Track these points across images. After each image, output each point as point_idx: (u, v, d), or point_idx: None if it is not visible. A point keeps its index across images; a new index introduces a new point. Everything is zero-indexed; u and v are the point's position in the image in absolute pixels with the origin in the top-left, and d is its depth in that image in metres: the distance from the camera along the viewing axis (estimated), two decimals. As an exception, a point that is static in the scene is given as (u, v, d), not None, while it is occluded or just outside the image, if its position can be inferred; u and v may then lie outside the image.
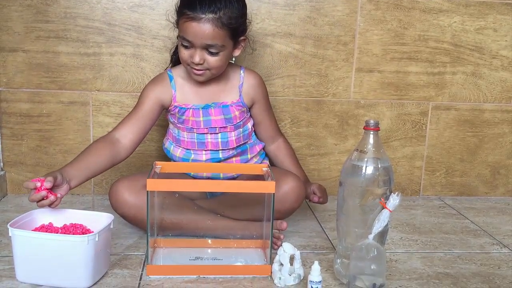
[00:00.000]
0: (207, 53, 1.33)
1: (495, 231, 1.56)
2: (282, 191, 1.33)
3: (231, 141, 1.44)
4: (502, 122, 1.87)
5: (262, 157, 1.55)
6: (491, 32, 1.79)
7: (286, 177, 1.37)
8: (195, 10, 1.28)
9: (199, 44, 1.31)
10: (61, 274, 1.08)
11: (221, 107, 1.42)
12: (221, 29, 1.30)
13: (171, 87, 1.43)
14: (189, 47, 1.33)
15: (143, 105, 1.41)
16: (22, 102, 1.68)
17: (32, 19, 1.62)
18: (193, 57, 1.33)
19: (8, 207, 1.61)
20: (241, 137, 1.46)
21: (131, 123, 1.39)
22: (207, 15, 1.28)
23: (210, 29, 1.29)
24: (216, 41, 1.31)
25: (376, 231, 1.04)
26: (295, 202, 1.38)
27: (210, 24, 1.28)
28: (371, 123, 1.10)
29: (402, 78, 1.80)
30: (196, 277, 1.17)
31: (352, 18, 1.73)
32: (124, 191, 1.31)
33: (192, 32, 1.30)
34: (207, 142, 1.43)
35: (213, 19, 1.28)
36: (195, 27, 1.29)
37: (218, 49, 1.33)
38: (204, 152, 1.44)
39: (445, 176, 1.90)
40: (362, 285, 1.04)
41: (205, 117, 1.42)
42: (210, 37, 1.30)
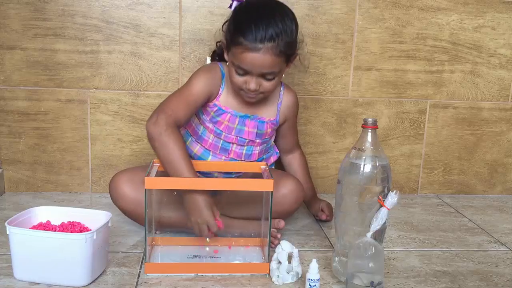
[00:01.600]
0: (264, 79, 1.29)
1: (493, 229, 1.57)
2: (281, 193, 1.34)
3: (254, 154, 1.44)
4: (500, 120, 1.87)
5: (271, 166, 1.54)
6: (489, 30, 1.80)
7: (286, 180, 1.37)
8: (253, 41, 1.23)
9: (256, 73, 1.27)
10: (59, 272, 1.08)
11: (257, 122, 1.40)
12: (279, 57, 1.26)
13: (220, 84, 1.38)
14: (244, 74, 1.29)
15: (196, 93, 1.34)
16: (19, 100, 1.67)
17: (29, 17, 1.62)
18: (248, 83, 1.29)
19: (6, 205, 1.61)
20: (263, 150, 1.47)
21: (185, 108, 1.32)
22: (266, 44, 1.23)
23: (270, 59, 1.24)
24: (274, 68, 1.27)
25: (374, 229, 1.04)
26: (294, 204, 1.38)
27: (269, 54, 1.24)
28: (369, 121, 1.10)
29: (400, 76, 1.80)
30: (194, 275, 1.17)
31: (350, 16, 1.73)
32: (124, 185, 1.31)
33: (250, 62, 1.25)
34: (231, 150, 1.41)
35: (271, 48, 1.23)
36: (254, 58, 1.24)
37: (275, 75, 1.30)
38: (224, 157, 1.42)
39: (443, 174, 1.90)
40: (360, 283, 1.04)
41: (239, 126, 1.39)
42: (269, 66, 1.26)
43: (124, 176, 1.33)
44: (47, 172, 1.73)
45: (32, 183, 1.73)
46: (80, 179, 1.75)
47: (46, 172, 1.73)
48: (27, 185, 1.74)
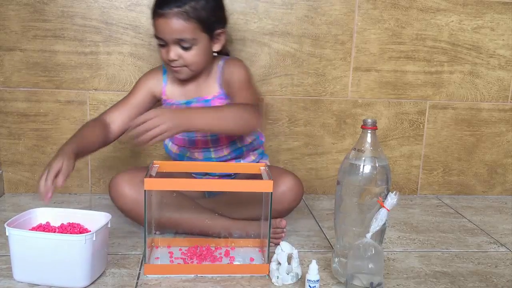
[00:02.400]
0: (181, 48, 1.32)
1: (492, 230, 1.57)
2: (280, 191, 1.34)
3: (221, 138, 1.42)
4: (499, 121, 1.87)
5: (260, 156, 1.54)
6: (488, 31, 1.80)
7: (284, 177, 1.37)
8: (161, 7, 1.29)
9: (170, 40, 1.31)
10: (59, 273, 1.08)
11: (202, 102, 1.41)
12: (188, 22, 1.29)
13: (162, 80, 1.45)
14: (164, 45, 1.33)
15: (135, 94, 1.44)
16: (19, 101, 1.67)
17: (29, 18, 1.62)
18: (168, 53, 1.33)
19: (5, 206, 1.61)
20: None
21: (123, 109, 1.41)
22: (172, 9, 1.28)
23: (177, 23, 1.28)
24: (185, 34, 1.30)
25: (374, 230, 1.04)
26: (294, 201, 1.38)
27: (175, 18, 1.28)
28: (368, 122, 1.10)
29: (400, 77, 1.80)
30: (193, 276, 1.17)
31: (349, 17, 1.73)
32: (124, 185, 1.32)
33: (161, 28, 1.31)
34: (197, 140, 1.42)
35: (178, 13, 1.28)
36: (163, 23, 1.30)
37: (190, 43, 1.31)
38: (197, 150, 1.44)
39: (443, 175, 1.90)
40: (359, 284, 1.04)
41: None
42: (178, 31, 1.29)
43: (124, 176, 1.34)
44: (47, 173, 1.73)
45: (31, 184, 1.73)
46: (80, 181, 1.74)
47: (46, 174, 1.73)
48: (26, 186, 1.74)
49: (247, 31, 1.69)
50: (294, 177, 1.39)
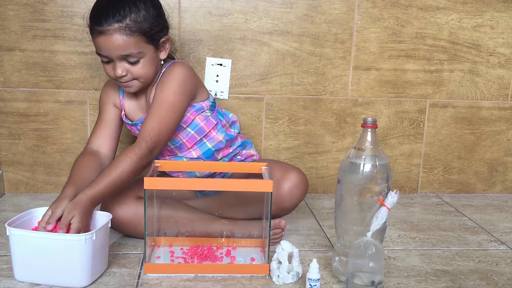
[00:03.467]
0: (127, 63, 1.27)
1: (493, 228, 1.57)
2: (286, 188, 1.35)
3: (183, 144, 1.40)
4: (499, 119, 1.87)
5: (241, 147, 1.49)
6: (488, 29, 1.80)
7: (290, 174, 1.37)
8: (101, 24, 1.22)
9: (114, 56, 1.25)
10: (59, 273, 1.08)
11: None
12: (132, 37, 1.24)
13: (119, 93, 1.42)
14: (109, 62, 1.28)
15: (104, 111, 1.41)
16: (19, 102, 1.67)
17: (28, 18, 1.62)
18: (115, 70, 1.27)
19: (6, 206, 1.61)
20: (193, 135, 1.39)
21: (100, 132, 1.39)
22: (113, 25, 1.22)
23: (120, 39, 1.23)
24: (130, 49, 1.25)
25: (374, 228, 1.04)
26: (301, 196, 1.39)
27: (118, 34, 1.22)
28: (368, 121, 1.10)
29: (400, 76, 1.80)
30: (194, 275, 1.17)
31: (349, 16, 1.73)
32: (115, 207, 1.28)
33: (104, 46, 1.25)
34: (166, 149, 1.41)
35: (119, 29, 1.22)
36: (104, 41, 1.24)
37: (137, 57, 1.27)
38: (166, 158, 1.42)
39: (443, 173, 1.90)
40: (360, 282, 1.04)
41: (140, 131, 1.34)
42: (122, 48, 1.24)
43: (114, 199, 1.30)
44: (47, 173, 1.73)
45: (32, 184, 1.73)
46: (80, 180, 1.74)
47: (46, 173, 1.73)
48: (27, 187, 1.74)
49: (247, 30, 1.69)
50: (299, 172, 1.39)
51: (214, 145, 1.41)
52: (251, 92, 1.73)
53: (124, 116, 1.41)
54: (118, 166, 1.21)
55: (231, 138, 1.46)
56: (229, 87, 1.72)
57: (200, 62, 1.70)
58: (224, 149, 1.44)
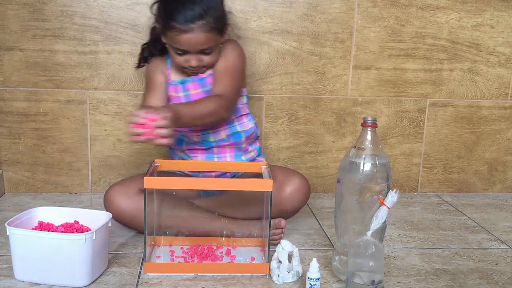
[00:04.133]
0: (203, 54, 1.36)
1: (493, 227, 1.57)
2: (288, 191, 1.36)
3: None
4: (499, 118, 1.87)
5: (258, 151, 1.53)
6: (488, 28, 1.80)
7: (292, 177, 1.38)
8: (183, 22, 1.29)
9: (194, 51, 1.34)
10: (59, 272, 1.08)
11: (198, 81, 1.42)
12: (211, 32, 1.32)
13: (167, 64, 1.46)
14: (183, 54, 1.35)
15: (153, 78, 1.45)
16: (19, 101, 1.67)
17: (28, 18, 1.62)
18: (189, 61, 1.36)
19: (6, 206, 1.61)
20: None
21: (155, 93, 1.43)
22: (197, 23, 1.29)
23: (203, 36, 1.31)
24: (210, 43, 1.34)
25: (374, 228, 1.04)
26: (302, 201, 1.40)
27: (200, 31, 1.30)
28: (368, 120, 1.10)
29: (400, 75, 1.80)
30: (194, 275, 1.17)
31: (349, 15, 1.73)
32: (118, 198, 1.31)
33: (186, 42, 1.32)
34: None
35: (203, 25, 1.29)
36: (188, 38, 1.31)
37: (212, 49, 1.36)
38: (194, 134, 1.43)
39: (443, 173, 1.90)
40: (360, 281, 1.04)
41: (184, 92, 1.43)
42: (204, 43, 1.33)
43: (118, 189, 1.33)
44: (47, 173, 1.73)
45: (32, 184, 1.73)
46: (80, 180, 1.75)
47: (46, 173, 1.73)
48: (27, 186, 1.74)
49: (247, 29, 1.69)
50: (301, 177, 1.40)
51: (244, 131, 1.46)
52: (251, 91, 1.73)
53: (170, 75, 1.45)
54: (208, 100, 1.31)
55: (256, 133, 1.52)
56: (229, 86, 1.72)
57: (200, 61, 1.70)
58: (249, 139, 1.48)
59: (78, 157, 1.72)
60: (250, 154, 1.49)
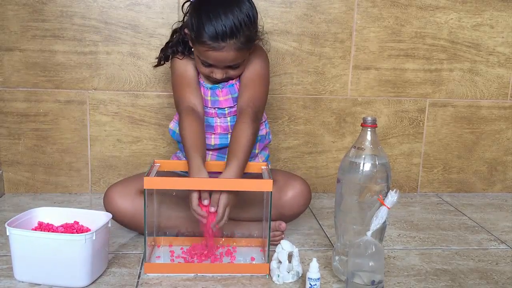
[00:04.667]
0: (229, 68, 1.33)
1: (493, 227, 1.57)
2: (289, 196, 1.35)
3: None
4: (499, 118, 1.87)
5: (266, 159, 1.52)
6: (488, 28, 1.80)
7: (293, 182, 1.37)
8: (215, 40, 1.25)
9: (222, 66, 1.32)
10: (59, 273, 1.08)
11: (227, 87, 1.39)
12: (242, 50, 1.29)
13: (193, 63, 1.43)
14: (209, 66, 1.32)
15: (185, 73, 1.40)
16: (18, 102, 1.67)
17: (28, 18, 1.62)
18: (214, 73, 1.33)
19: (6, 206, 1.61)
20: None
21: (191, 91, 1.38)
22: (228, 42, 1.25)
23: (233, 54, 1.28)
24: (239, 60, 1.31)
25: (374, 228, 1.04)
26: (303, 205, 1.39)
27: (232, 50, 1.27)
28: (368, 120, 1.10)
29: (399, 75, 1.80)
30: (194, 275, 1.17)
31: (349, 15, 1.73)
32: (117, 198, 1.30)
33: (215, 59, 1.29)
34: (215, 125, 1.40)
35: (234, 44, 1.26)
36: (218, 56, 1.28)
37: (240, 64, 1.34)
38: (213, 135, 1.41)
39: (443, 173, 1.90)
40: (360, 281, 1.04)
41: (212, 97, 1.39)
42: (233, 60, 1.30)
43: (118, 189, 1.32)
44: (47, 173, 1.73)
45: (31, 184, 1.73)
46: (80, 180, 1.74)
47: (46, 173, 1.73)
48: (26, 187, 1.74)
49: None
50: (303, 182, 1.39)
51: (259, 135, 1.42)
52: (250, 91, 1.73)
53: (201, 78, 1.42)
54: (242, 134, 1.26)
55: (269, 139, 1.50)
56: (228, 86, 1.72)
57: (199, 61, 1.69)
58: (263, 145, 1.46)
59: (78, 157, 1.72)
60: (259, 161, 1.49)
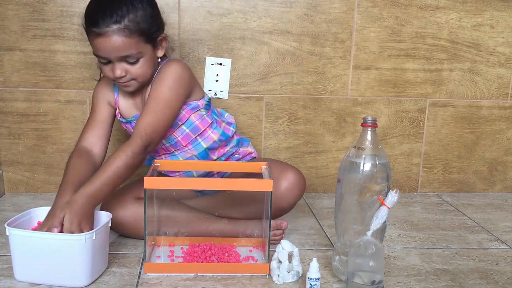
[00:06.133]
0: (126, 63, 1.26)
1: (493, 227, 1.57)
2: (283, 187, 1.33)
3: (178, 142, 1.37)
4: (499, 118, 1.87)
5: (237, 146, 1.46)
6: (488, 28, 1.80)
7: (286, 173, 1.35)
8: (98, 25, 1.21)
9: (114, 58, 1.24)
10: (59, 272, 1.08)
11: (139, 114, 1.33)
12: (131, 37, 1.23)
13: (114, 91, 1.40)
14: (107, 63, 1.27)
15: (97, 110, 1.38)
16: (19, 101, 1.67)
17: (28, 18, 1.62)
18: (114, 71, 1.26)
19: (6, 206, 1.61)
20: (188, 133, 1.37)
21: (94, 131, 1.35)
22: (112, 27, 1.21)
23: (119, 40, 1.22)
24: (131, 50, 1.24)
25: (375, 228, 1.04)
26: (298, 196, 1.36)
27: (117, 35, 1.21)
28: (368, 120, 1.10)
29: (400, 75, 1.80)
30: (194, 275, 1.17)
31: (349, 15, 1.73)
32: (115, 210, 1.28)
33: (103, 48, 1.23)
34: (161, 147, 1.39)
35: (118, 30, 1.21)
36: (104, 42, 1.22)
37: (136, 57, 1.26)
38: (164, 156, 1.40)
39: (443, 172, 1.90)
40: (360, 281, 1.04)
41: None
42: (122, 49, 1.23)
43: (113, 202, 1.30)
44: (47, 173, 1.73)
45: (31, 184, 1.73)
46: (80, 180, 1.74)
47: (46, 173, 1.73)
48: (26, 186, 1.74)
49: (247, 29, 1.69)
50: (296, 172, 1.37)
51: (208, 145, 1.39)
52: (251, 91, 1.73)
53: (118, 114, 1.40)
54: (113, 162, 1.19)
55: (227, 137, 1.43)
56: (229, 86, 1.72)
57: (200, 61, 1.70)
58: (219, 148, 1.43)
59: (78, 157, 1.72)
60: (226, 149, 1.45)
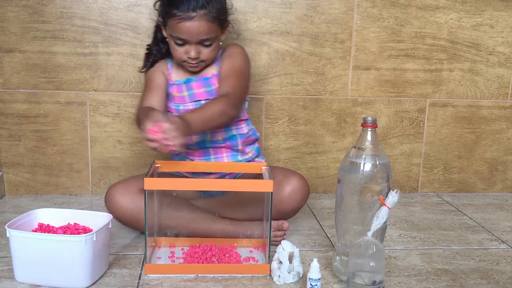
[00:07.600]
0: (202, 46, 1.37)
1: (494, 227, 1.57)
2: (286, 192, 1.34)
3: None
4: (499, 118, 1.87)
5: (257, 152, 1.51)
6: (488, 28, 1.80)
7: (290, 178, 1.36)
8: (185, 10, 1.31)
9: (194, 40, 1.35)
10: (60, 274, 1.08)
11: (202, 80, 1.43)
12: (213, 22, 1.34)
13: (168, 65, 1.47)
14: (182, 44, 1.36)
15: (152, 79, 1.46)
16: (19, 103, 1.67)
17: (28, 19, 1.62)
18: (189, 52, 1.36)
19: (6, 208, 1.61)
20: None
21: (152, 95, 1.42)
22: (199, 12, 1.31)
23: (205, 25, 1.32)
24: (211, 34, 1.35)
25: (375, 228, 1.04)
26: (301, 201, 1.38)
27: (203, 20, 1.32)
28: (368, 120, 1.10)
29: (399, 75, 1.80)
30: (194, 276, 1.17)
31: (348, 15, 1.73)
32: (119, 196, 1.31)
33: (187, 31, 1.33)
34: None
35: (204, 14, 1.31)
36: (190, 26, 1.32)
37: (212, 41, 1.37)
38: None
39: (443, 173, 1.90)
40: (361, 282, 1.04)
41: (188, 92, 1.43)
42: (205, 33, 1.34)
43: (118, 188, 1.33)
44: (47, 174, 1.73)
45: (32, 185, 1.73)
46: (80, 181, 1.75)
47: (46, 175, 1.73)
48: (27, 188, 1.74)
49: (246, 30, 1.69)
50: (300, 177, 1.38)
51: (239, 134, 1.45)
52: (251, 92, 1.73)
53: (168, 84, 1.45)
54: (211, 104, 1.29)
55: (255, 135, 1.50)
56: (229, 87, 1.72)
57: (199, 62, 1.70)
58: (246, 142, 1.47)
59: (78, 158, 1.73)
60: (248, 155, 1.48)
